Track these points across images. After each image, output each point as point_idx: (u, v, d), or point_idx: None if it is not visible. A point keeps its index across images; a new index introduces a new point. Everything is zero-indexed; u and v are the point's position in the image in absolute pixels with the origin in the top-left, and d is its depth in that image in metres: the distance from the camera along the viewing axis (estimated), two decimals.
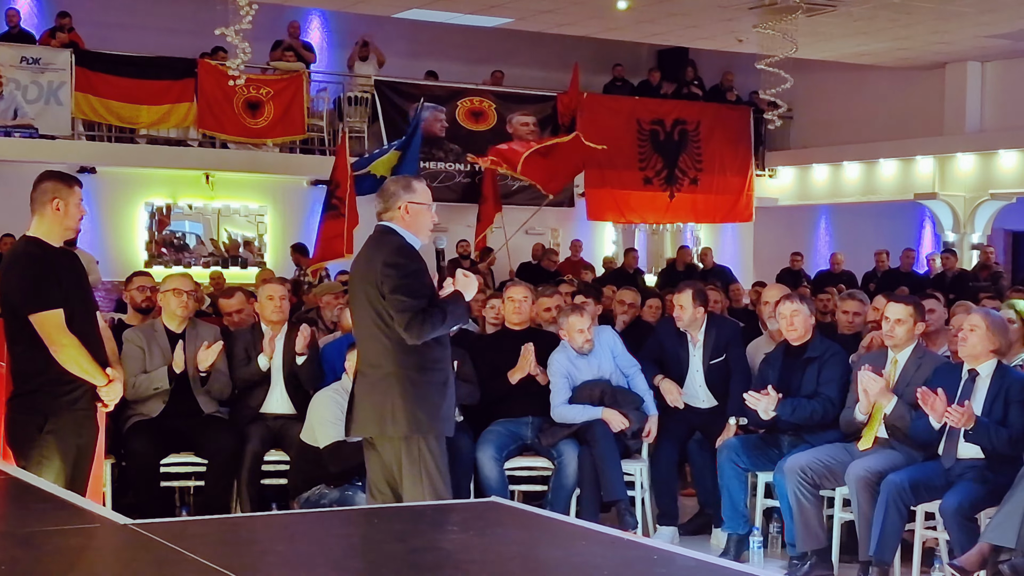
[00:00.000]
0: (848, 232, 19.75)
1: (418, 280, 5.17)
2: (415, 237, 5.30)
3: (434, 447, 5.22)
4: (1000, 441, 6.01)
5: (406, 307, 5.08)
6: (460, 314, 5.28)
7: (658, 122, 18.55)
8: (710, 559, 3.62)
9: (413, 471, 5.19)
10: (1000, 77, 17.55)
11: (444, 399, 5.25)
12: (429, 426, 5.19)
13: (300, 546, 3.58)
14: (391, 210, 5.29)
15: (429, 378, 5.20)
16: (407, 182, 5.36)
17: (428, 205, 5.33)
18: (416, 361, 5.17)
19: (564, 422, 7.24)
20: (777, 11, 14.09)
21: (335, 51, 18.39)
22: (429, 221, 5.35)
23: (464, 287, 5.27)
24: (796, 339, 7.02)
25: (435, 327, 5.12)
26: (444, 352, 5.30)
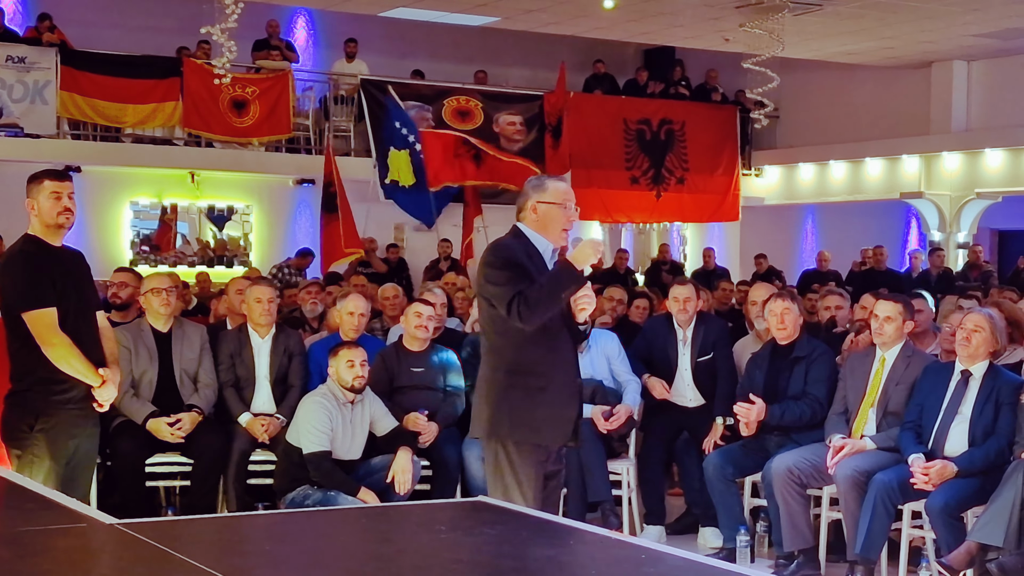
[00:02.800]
0: (834, 231, 19.78)
1: (512, 270, 4.85)
2: (542, 238, 5.00)
3: (513, 454, 4.92)
4: (988, 462, 6.04)
5: (504, 293, 4.81)
6: (565, 279, 4.81)
7: (644, 122, 18.56)
8: (699, 558, 3.61)
9: (491, 476, 4.99)
10: (986, 76, 17.59)
11: (537, 405, 4.91)
12: (509, 432, 4.91)
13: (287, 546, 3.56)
14: (522, 210, 5.04)
15: (518, 382, 4.91)
16: (540, 181, 5.10)
17: (560, 204, 4.99)
18: (506, 364, 4.94)
19: None
20: (763, 10, 14.10)
21: (321, 50, 18.36)
22: (562, 221, 5.00)
23: (579, 255, 4.83)
24: (784, 338, 7.02)
25: (539, 302, 4.76)
26: (544, 355, 4.93)
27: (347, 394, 6.65)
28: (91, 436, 5.46)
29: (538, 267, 4.91)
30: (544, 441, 4.97)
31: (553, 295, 4.80)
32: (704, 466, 7.08)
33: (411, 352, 7.33)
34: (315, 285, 9.68)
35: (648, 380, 7.60)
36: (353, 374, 6.63)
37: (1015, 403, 6.08)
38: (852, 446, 6.45)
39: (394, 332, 8.08)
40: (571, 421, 5.03)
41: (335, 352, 6.73)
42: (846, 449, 6.43)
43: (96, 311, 5.52)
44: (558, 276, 4.84)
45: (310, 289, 9.34)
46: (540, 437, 4.95)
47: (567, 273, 4.81)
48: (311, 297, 9.11)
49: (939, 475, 6.04)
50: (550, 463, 5.05)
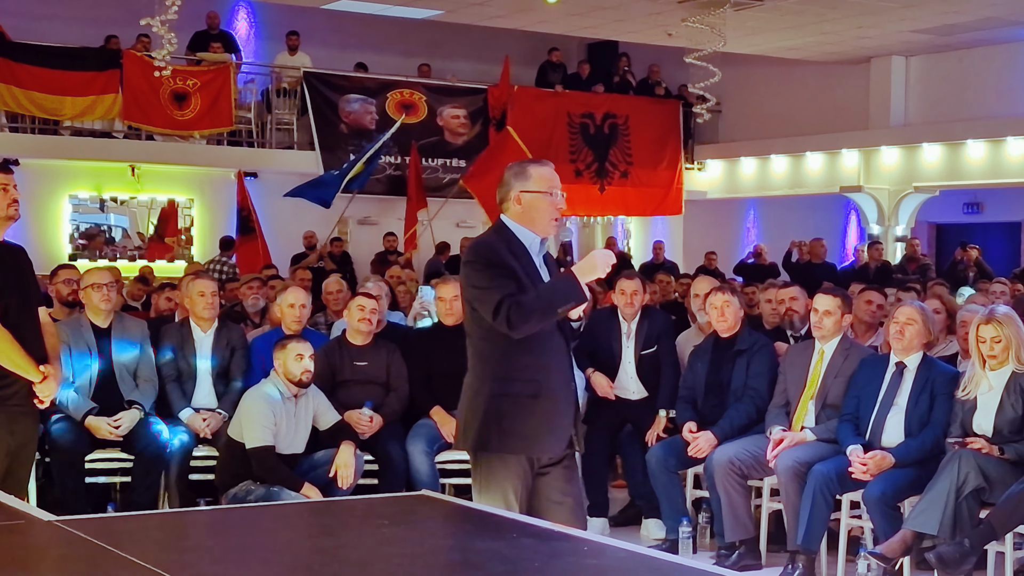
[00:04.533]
0: (775, 225, 19.97)
1: (495, 270, 4.47)
2: (528, 231, 4.58)
3: (500, 468, 4.54)
4: (923, 452, 6.14)
5: (489, 297, 4.43)
6: (565, 294, 4.43)
7: (588, 115, 18.63)
8: (640, 550, 3.64)
9: (481, 492, 4.61)
10: (924, 72, 17.82)
11: (529, 415, 4.52)
12: (499, 444, 4.52)
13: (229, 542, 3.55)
14: (505, 201, 4.62)
15: (507, 389, 4.51)
16: (522, 168, 4.65)
17: (546, 193, 4.57)
18: (494, 370, 4.54)
19: None
20: (705, 5, 14.20)
21: (263, 43, 18.25)
22: (549, 211, 4.58)
23: (583, 267, 4.48)
24: (726, 331, 7.09)
25: (531, 311, 4.38)
26: (535, 360, 4.53)
27: (291, 388, 6.62)
28: (31, 432, 5.39)
29: (524, 264, 4.53)
30: (537, 453, 4.57)
31: (550, 308, 4.43)
32: (647, 458, 7.13)
33: (354, 346, 7.32)
34: (257, 280, 9.63)
35: (592, 376, 7.63)
36: (301, 368, 6.60)
37: (949, 394, 6.18)
38: (792, 438, 6.52)
39: (338, 327, 8.05)
40: (567, 429, 4.63)
41: (283, 345, 6.69)
42: (786, 441, 6.51)
43: (38, 307, 5.46)
44: (558, 288, 4.46)
45: (252, 284, 9.29)
46: (533, 449, 4.55)
47: (570, 287, 4.43)
48: (253, 292, 9.06)
49: (877, 466, 6.13)
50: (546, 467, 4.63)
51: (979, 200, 19.18)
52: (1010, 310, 6.29)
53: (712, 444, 6.77)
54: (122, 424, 6.82)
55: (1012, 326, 6.03)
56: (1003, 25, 15.44)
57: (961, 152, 16.79)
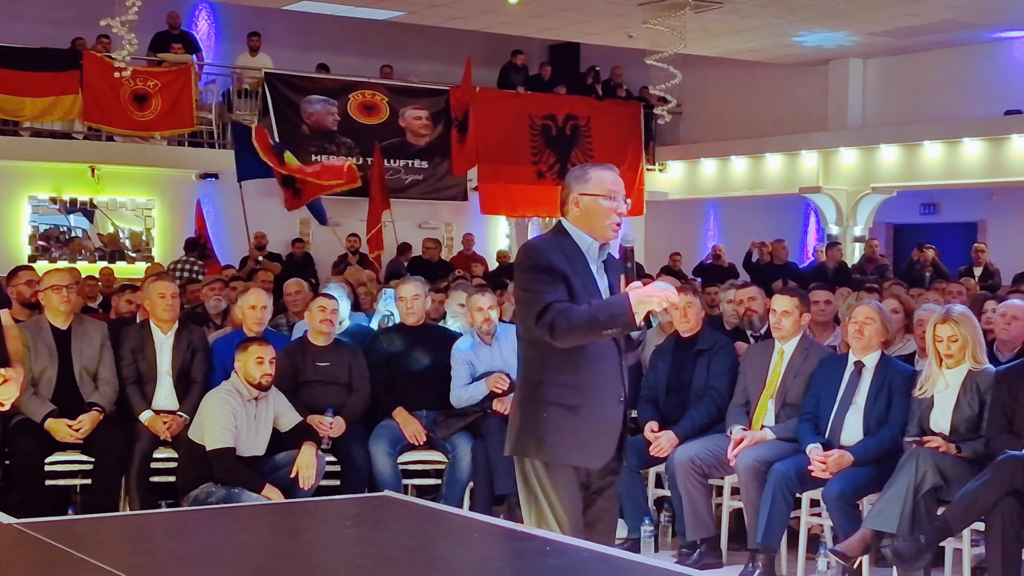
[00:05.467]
0: (736, 225, 20.06)
1: (544, 273, 4.31)
2: (585, 235, 4.44)
3: (544, 475, 4.37)
4: (882, 450, 6.21)
5: (535, 301, 4.28)
6: (613, 317, 4.19)
7: (550, 117, 18.68)
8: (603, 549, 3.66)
9: (523, 499, 4.48)
10: (881, 74, 17.98)
11: (571, 423, 4.34)
12: (536, 450, 4.38)
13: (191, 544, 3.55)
14: (565, 204, 4.50)
15: (551, 396, 4.35)
16: (582, 171, 4.55)
17: (604, 196, 4.44)
18: (539, 375, 4.40)
19: (462, 405, 7.32)
20: (666, 7, 14.27)
21: (224, 43, 18.18)
22: (607, 216, 4.42)
23: (640, 295, 4.18)
24: (687, 331, 7.13)
25: (575, 325, 4.20)
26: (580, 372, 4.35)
27: (252, 390, 6.61)
28: None
29: (578, 269, 4.37)
30: (579, 463, 4.42)
31: (595, 326, 4.22)
32: None
33: (316, 347, 7.31)
34: (218, 281, 9.60)
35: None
36: (262, 371, 6.59)
37: (907, 392, 6.25)
38: (752, 437, 6.57)
39: (299, 328, 8.04)
40: (612, 440, 4.45)
41: (244, 347, 6.67)
42: (747, 440, 6.56)
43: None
44: (609, 309, 4.24)
45: (213, 285, 9.26)
46: (574, 458, 4.40)
47: (620, 311, 4.19)
48: (214, 293, 9.03)
49: (836, 464, 6.19)
50: (594, 483, 4.48)
51: (935, 201, 19.33)
52: (966, 309, 6.37)
53: (673, 443, 6.81)
54: (82, 426, 6.78)
55: (968, 325, 6.10)
56: (959, 28, 15.60)
57: (918, 153, 16.94)
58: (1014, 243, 16.21)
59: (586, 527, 4.38)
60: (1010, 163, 15.90)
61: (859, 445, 6.26)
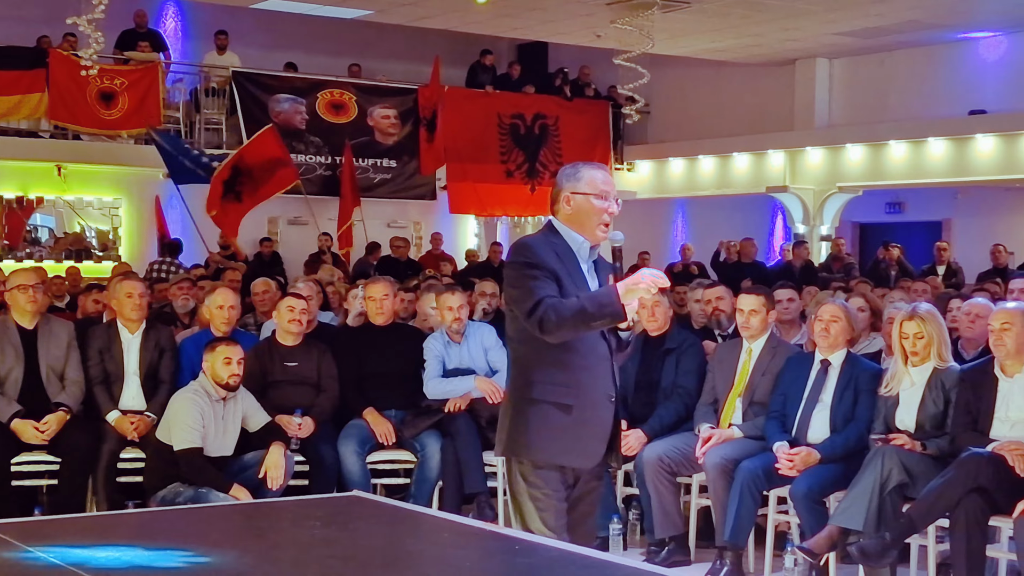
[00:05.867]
0: (704, 225, 20.15)
1: (535, 271, 4.28)
2: (577, 234, 4.41)
3: (532, 476, 4.33)
4: (848, 448, 6.25)
5: (525, 297, 4.24)
6: (602, 308, 4.18)
7: (518, 116, 18.70)
8: (571, 548, 3.68)
9: (511, 499, 4.46)
10: (847, 73, 18.08)
11: (563, 424, 4.31)
12: (526, 451, 4.34)
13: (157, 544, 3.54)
14: (556, 202, 4.46)
15: (543, 396, 4.31)
16: (574, 169, 4.48)
17: (597, 195, 4.39)
18: (531, 376, 4.36)
19: (436, 397, 7.33)
20: (633, 7, 14.30)
21: (191, 42, 18.09)
22: (599, 215, 4.39)
23: (627, 285, 4.22)
24: (655, 330, 7.16)
25: (566, 319, 4.17)
26: (574, 370, 4.34)
27: (219, 390, 6.59)
28: None
29: (569, 268, 4.36)
30: (569, 463, 4.38)
31: (585, 319, 4.20)
32: None
33: (284, 346, 7.30)
34: (186, 280, 9.55)
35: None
36: (229, 371, 6.57)
37: (873, 390, 6.30)
38: (720, 435, 6.61)
39: (267, 328, 8.02)
40: (603, 440, 4.43)
41: (212, 347, 6.66)
42: (715, 438, 6.59)
43: None
44: (598, 301, 4.22)
45: (181, 284, 9.22)
46: (565, 458, 4.36)
47: (608, 302, 4.19)
48: (182, 292, 8.99)
49: (803, 461, 6.23)
50: (580, 485, 4.46)
51: (901, 200, 19.49)
52: (932, 307, 6.42)
53: (642, 442, 6.83)
54: (49, 427, 6.74)
55: (934, 323, 6.15)
56: (923, 28, 15.71)
57: (883, 153, 17.05)
58: (978, 242, 16.34)
59: (569, 529, 4.36)
60: (974, 163, 16.03)
61: (826, 443, 6.30)
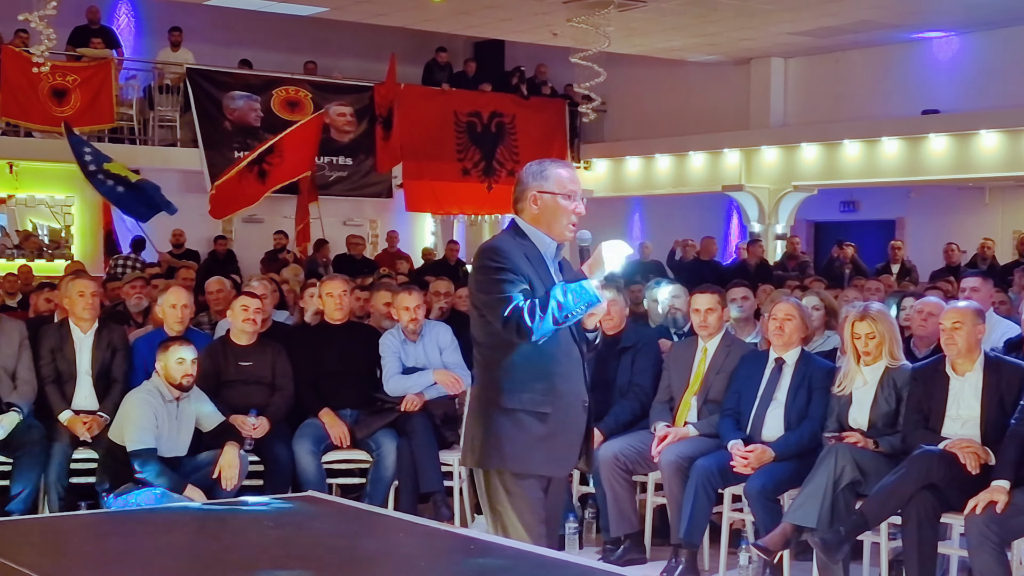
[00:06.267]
0: (660, 223, 20.22)
1: (508, 275, 4.15)
2: (543, 235, 4.31)
3: (511, 485, 4.22)
4: (802, 445, 6.29)
5: (499, 302, 4.11)
6: (578, 297, 4.10)
7: (475, 114, 18.69)
8: (527, 547, 3.68)
9: (486, 509, 4.30)
10: (802, 73, 18.20)
11: (539, 432, 4.20)
12: (505, 461, 4.20)
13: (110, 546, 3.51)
14: (520, 201, 4.33)
15: (517, 404, 4.20)
16: (540, 167, 4.35)
17: (565, 195, 4.28)
18: (504, 382, 4.22)
19: (397, 394, 7.32)
20: (590, 6, 14.33)
21: (145, 38, 17.95)
22: (567, 215, 4.29)
23: (592, 263, 4.17)
24: (612, 328, 7.17)
25: (543, 319, 4.06)
26: (549, 374, 4.23)
27: (173, 390, 6.54)
28: None
29: (538, 270, 4.25)
30: (548, 472, 4.29)
31: (561, 314, 4.09)
32: None
33: (239, 345, 7.26)
34: (140, 279, 9.48)
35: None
36: (183, 371, 6.53)
37: (826, 388, 6.35)
38: (675, 433, 6.63)
39: (222, 327, 7.98)
40: (578, 447, 4.37)
41: (165, 347, 6.61)
42: (670, 437, 6.61)
43: None
44: (571, 292, 4.11)
45: (134, 283, 9.15)
46: (543, 468, 4.26)
47: (582, 290, 4.11)
48: (135, 291, 8.92)
49: (757, 459, 6.27)
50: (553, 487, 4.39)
51: (855, 199, 19.66)
52: (884, 307, 6.48)
53: (598, 440, 6.85)
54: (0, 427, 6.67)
55: (885, 323, 6.21)
56: (877, 28, 15.84)
57: (838, 152, 17.18)
58: (931, 240, 16.51)
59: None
60: (927, 162, 16.18)
61: (779, 440, 6.34)
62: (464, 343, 7.75)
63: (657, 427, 6.75)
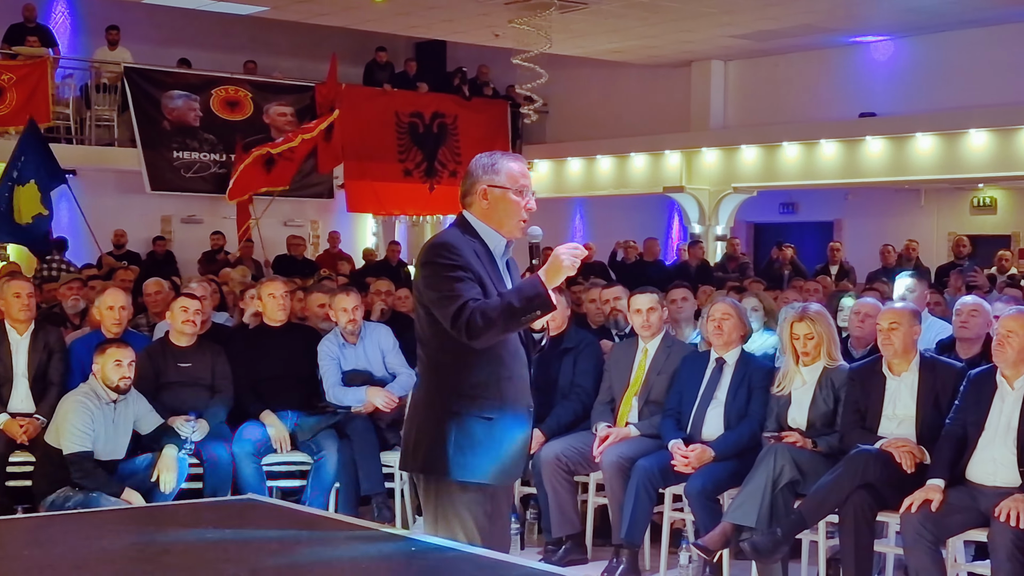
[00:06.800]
0: (602, 224, 20.30)
1: (458, 272, 4.01)
2: (493, 231, 4.17)
3: (457, 494, 4.05)
4: (741, 444, 6.35)
5: (448, 302, 3.96)
6: (531, 300, 3.94)
7: (417, 115, 18.65)
8: (468, 548, 3.68)
9: (430, 518, 4.13)
10: (741, 76, 18.35)
11: (486, 439, 4.06)
12: (451, 470, 4.03)
13: (48, 550, 3.47)
14: (469, 195, 4.16)
15: (464, 409, 4.05)
16: (492, 160, 4.18)
17: (515, 190, 4.14)
18: (450, 386, 4.08)
19: (337, 403, 7.31)
20: (531, 7, 14.34)
21: (81, 37, 17.74)
22: (517, 210, 4.15)
23: (549, 268, 3.99)
24: (553, 330, 7.17)
25: (494, 321, 3.91)
26: (498, 376, 4.10)
27: (110, 393, 6.48)
28: None
29: (488, 268, 4.12)
30: (494, 482, 4.12)
31: (513, 316, 3.95)
32: None
33: (178, 347, 7.20)
34: (76, 280, 9.38)
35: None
36: (120, 374, 6.46)
37: (766, 387, 6.41)
38: (617, 434, 6.66)
39: (160, 328, 7.91)
40: (524, 455, 4.24)
41: (102, 349, 6.55)
42: (611, 437, 6.64)
43: None
44: (523, 295, 3.96)
45: (71, 284, 9.05)
46: (490, 477, 4.09)
47: (535, 293, 3.94)
48: (72, 293, 8.82)
49: (698, 459, 6.30)
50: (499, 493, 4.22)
51: (794, 201, 19.87)
52: (822, 308, 6.55)
53: (539, 441, 6.86)
54: None
55: (823, 323, 6.28)
56: (816, 32, 16.00)
57: (777, 154, 17.34)
58: (868, 242, 16.71)
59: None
60: (864, 164, 16.37)
61: (719, 440, 6.39)
62: (405, 344, 7.74)
63: (598, 428, 6.77)
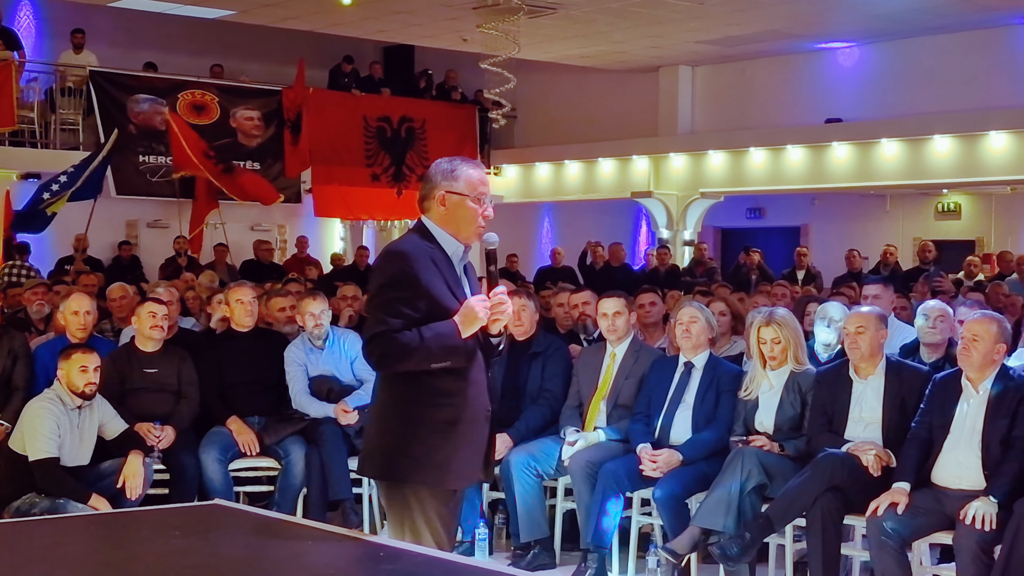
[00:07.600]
0: (570, 229, 20.33)
1: (400, 290, 4.00)
2: (451, 238, 4.16)
3: (421, 498, 4.05)
4: (709, 448, 6.37)
5: (375, 322, 4.01)
6: (444, 351, 3.99)
7: (385, 119, 18.62)
8: (437, 553, 3.68)
9: (394, 521, 4.13)
10: (709, 81, 18.42)
11: (445, 443, 4.04)
12: (411, 474, 4.04)
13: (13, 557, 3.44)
14: (428, 199, 4.16)
15: (423, 413, 4.04)
16: (451, 165, 4.17)
17: (473, 198, 4.14)
18: (408, 390, 4.06)
19: (303, 412, 7.29)
20: (500, 12, 14.35)
21: (46, 40, 17.62)
22: (475, 217, 4.15)
23: (464, 319, 4.03)
24: (522, 334, 7.19)
25: (401, 358, 3.97)
26: (455, 381, 4.07)
27: (75, 399, 6.43)
28: None
29: (445, 274, 4.10)
30: (454, 485, 4.15)
31: (427, 361, 3.99)
32: None
33: (144, 352, 7.15)
34: (42, 285, 9.30)
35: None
36: (85, 380, 6.41)
37: (734, 391, 6.43)
38: (585, 438, 6.67)
39: (126, 334, 7.85)
40: (482, 457, 4.22)
41: (67, 355, 6.49)
42: (580, 442, 6.65)
43: None
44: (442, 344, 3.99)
45: (36, 289, 8.98)
46: (449, 480, 4.11)
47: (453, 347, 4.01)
48: (37, 298, 8.76)
49: (666, 463, 6.32)
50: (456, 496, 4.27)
51: (761, 206, 19.98)
52: (788, 312, 6.58)
53: (508, 446, 6.86)
54: None
55: (790, 328, 6.31)
56: (783, 37, 16.09)
57: (744, 159, 17.42)
58: (834, 247, 16.81)
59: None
60: (830, 170, 16.47)
61: (687, 444, 6.40)
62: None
63: (567, 432, 6.77)
